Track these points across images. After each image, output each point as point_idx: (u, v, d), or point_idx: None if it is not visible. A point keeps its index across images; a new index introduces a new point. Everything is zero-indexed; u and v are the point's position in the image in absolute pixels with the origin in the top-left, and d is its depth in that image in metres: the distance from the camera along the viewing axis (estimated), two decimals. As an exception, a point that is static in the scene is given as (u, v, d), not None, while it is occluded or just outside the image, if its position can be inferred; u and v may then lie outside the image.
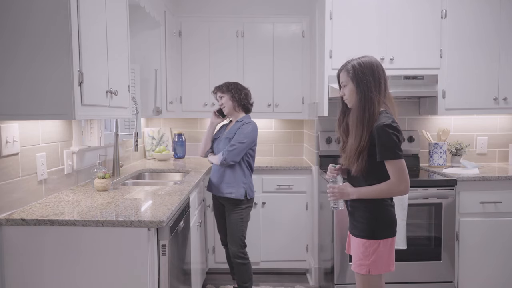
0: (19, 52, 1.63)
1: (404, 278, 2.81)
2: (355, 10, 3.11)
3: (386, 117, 1.83)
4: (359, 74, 1.87)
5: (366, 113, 1.84)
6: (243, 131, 2.79)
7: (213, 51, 3.72)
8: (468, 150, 3.50)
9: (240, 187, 2.82)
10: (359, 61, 1.89)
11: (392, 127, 1.80)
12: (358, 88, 1.87)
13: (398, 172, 1.81)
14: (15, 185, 1.88)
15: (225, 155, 2.75)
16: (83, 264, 1.73)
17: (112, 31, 2.05)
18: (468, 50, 3.16)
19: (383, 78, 1.88)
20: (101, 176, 2.31)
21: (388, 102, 1.91)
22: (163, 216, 1.77)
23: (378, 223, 1.90)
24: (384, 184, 1.85)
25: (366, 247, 1.90)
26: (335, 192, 1.99)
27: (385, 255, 1.90)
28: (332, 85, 3.07)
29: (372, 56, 1.93)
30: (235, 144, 2.76)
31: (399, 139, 1.81)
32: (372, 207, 1.91)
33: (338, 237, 2.82)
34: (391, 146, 1.79)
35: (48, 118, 1.71)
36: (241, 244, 2.86)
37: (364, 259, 1.90)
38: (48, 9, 1.62)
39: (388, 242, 1.90)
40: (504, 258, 2.96)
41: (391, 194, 1.87)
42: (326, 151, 3.36)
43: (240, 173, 2.83)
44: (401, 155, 1.81)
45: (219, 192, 2.87)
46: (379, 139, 1.81)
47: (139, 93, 3.16)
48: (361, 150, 1.85)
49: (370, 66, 1.87)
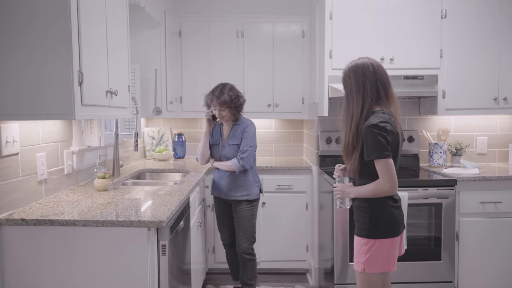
0: (19, 52, 1.63)
1: (404, 278, 2.80)
2: (355, 10, 3.11)
3: (376, 117, 1.86)
4: (345, 77, 1.98)
5: (349, 113, 1.92)
6: (248, 134, 2.81)
7: (213, 51, 3.72)
8: (468, 150, 3.50)
9: (254, 187, 2.88)
10: (349, 65, 1.98)
11: (379, 127, 1.81)
12: (344, 90, 1.97)
13: (383, 172, 1.84)
14: (15, 185, 1.88)
15: (241, 162, 2.76)
16: (83, 264, 1.73)
17: (112, 31, 2.05)
18: (468, 50, 3.16)
19: (369, 79, 1.90)
20: (101, 176, 2.31)
21: (390, 102, 1.94)
22: (163, 216, 1.77)
23: (375, 223, 1.92)
24: (371, 184, 1.89)
25: (361, 245, 1.95)
26: (337, 190, 2.06)
27: (382, 254, 1.91)
28: (332, 85, 3.07)
29: (366, 58, 1.97)
30: (247, 149, 2.78)
31: (386, 138, 1.82)
32: (371, 207, 1.93)
33: (338, 237, 2.82)
34: (375, 146, 1.82)
35: (48, 118, 1.72)
36: (253, 240, 2.90)
37: (360, 257, 1.95)
38: (48, 9, 1.62)
39: (387, 242, 1.91)
40: (504, 258, 2.96)
41: (379, 194, 1.88)
42: (326, 151, 3.36)
43: (252, 174, 2.88)
44: (386, 155, 1.82)
45: (231, 196, 2.85)
46: (365, 139, 1.85)
47: (139, 93, 3.16)
48: (350, 149, 1.92)
49: (355, 69, 1.94)
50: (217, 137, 2.92)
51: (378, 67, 1.93)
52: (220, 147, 2.88)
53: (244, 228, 2.86)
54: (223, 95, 2.74)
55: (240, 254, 2.89)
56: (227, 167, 2.82)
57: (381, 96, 1.91)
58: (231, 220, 2.97)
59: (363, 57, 1.98)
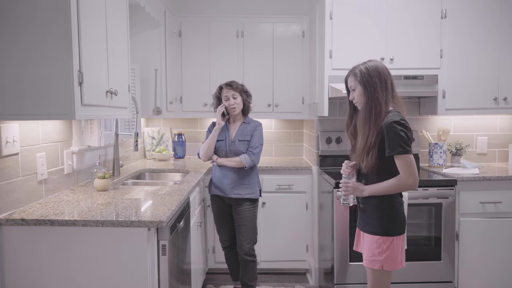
0: (19, 52, 1.63)
1: (404, 278, 2.80)
2: (355, 10, 3.11)
3: (395, 115, 1.91)
4: (366, 76, 1.97)
5: (373, 113, 1.93)
6: (259, 133, 2.86)
7: (213, 51, 3.72)
8: (468, 150, 3.50)
9: (256, 186, 2.90)
10: (365, 66, 1.99)
11: (400, 123, 1.88)
12: (365, 90, 1.97)
13: (406, 167, 1.88)
14: (15, 185, 1.88)
15: (252, 157, 2.79)
16: (83, 264, 1.73)
17: (112, 31, 2.05)
18: (468, 50, 3.16)
19: (389, 79, 1.98)
20: (101, 176, 2.31)
21: (396, 102, 2.00)
22: (163, 216, 1.77)
23: (391, 220, 1.96)
24: (393, 180, 1.92)
25: (379, 243, 1.96)
26: (349, 187, 2.05)
27: (398, 251, 1.96)
28: (332, 85, 3.07)
29: (377, 60, 2.04)
30: (258, 146, 2.82)
31: (407, 135, 1.88)
32: (384, 205, 1.97)
33: (338, 237, 2.82)
34: (399, 141, 1.86)
35: (48, 118, 1.71)
36: (255, 241, 2.91)
37: (378, 255, 1.96)
38: (48, 9, 1.62)
39: (401, 239, 1.97)
40: (504, 258, 2.96)
41: (401, 189, 1.93)
42: (326, 151, 3.36)
43: (254, 174, 2.91)
44: (409, 150, 1.88)
45: (235, 194, 2.84)
46: (387, 135, 1.88)
47: (139, 93, 3.16)
48: (369, 148, 1.93)
49: (376, 69, 1.97)
50: (223, 134, 2.89)
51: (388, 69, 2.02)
52: (228, 143, 2.86)
53: (246, 229, 2.86)
54: (234, 82, 2.86)
55: (242, 255, 2.89)
56: (236, 163, 2.80)
57: (394, 97, 1.99)
58: (230, 222, 2.96)
59: (372, 60, 2.03)
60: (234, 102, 2.82)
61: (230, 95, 2.82)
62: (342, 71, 3.06)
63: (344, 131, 3.38)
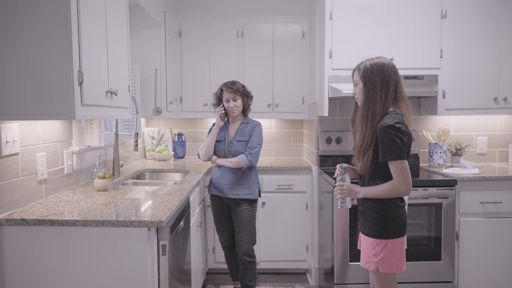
0: (19, 51, 1.63)
1: (404, 278, 2.80)
2: (355, 10, 3.11)
3: (391, 117, 1.86)
4: (367, 73, 1.92)
5: (370, 112, 1.90)
6: (258, 133, 2.84)
7: (213, 51, 3.72)
8: (468, 150, 3.50)
9: (255, 187, 2.88)
10: (371, 62, 1.94)
11: (395, 128, 1.82)
12: (365, 86, 1.93)
13: (398, 173, 1.84)
14: (15, 185, 1.88)
15: (250, 158, 2.77)
16: (83, 264, 1.73)
17: (112, 31, 2.05)
18: (468, 50, 3.16)
19: (393, 79, 1.91)
20: (101, 176, 2.31)
21: (402, 102, 1.95)
22: (163, 216, 1.77)
23: (386, 223, 1.93)
24: (386, 185, 1.89)
25: (374, 246, 1.95)
26: (344, 190, 2.02)
27: (395, 254, 1.93)
28: (332, 85, 3.07)
29: (386, 58, 1.97)
30: (256, 146, 2.80)
31: (402, 140, 1.83)
32: (380, 207, 1.94)
33: (338, 237, 2.82)
34: (392, 147, 1.82)
35: (48, 118, 1.71)
36: (254, 241, 2.91)
37: (372, 257, 1.96)
38: (48, 9, 1.62)
39: (397, 242, 1.93)
40: (504, 258, 2.96)
41: (393, 195, 1.89)
42: (326, 151, 3.36)
43: (253, 174, 2.89)
44: (402, 156, 1.83)
45: (233, 194, 2.83)
46: (381, 140, 1.84)
47: (139, 93, 3.16)
48: (365, 148, 1.90)
49: (380, 67, 1.91)
50: (222, 134, 2.90)
51: (396, 68, 1.96)
52: (227, 143, 2.86)
53: (245, 229, 2.86)
54: (235, 85, 2.83)
55: (241, 256, 2.89)
56: (233, 164, 2.80)
57: (397, 98, 1.94)
58: (229, 222, 2.96)
59: (381, 57, 1.97)
60: (234, 105, 2.82)
61: (231, 98, 2.82)
62: (342, 71, 3.08)
63: (344, 131, 3.41)
